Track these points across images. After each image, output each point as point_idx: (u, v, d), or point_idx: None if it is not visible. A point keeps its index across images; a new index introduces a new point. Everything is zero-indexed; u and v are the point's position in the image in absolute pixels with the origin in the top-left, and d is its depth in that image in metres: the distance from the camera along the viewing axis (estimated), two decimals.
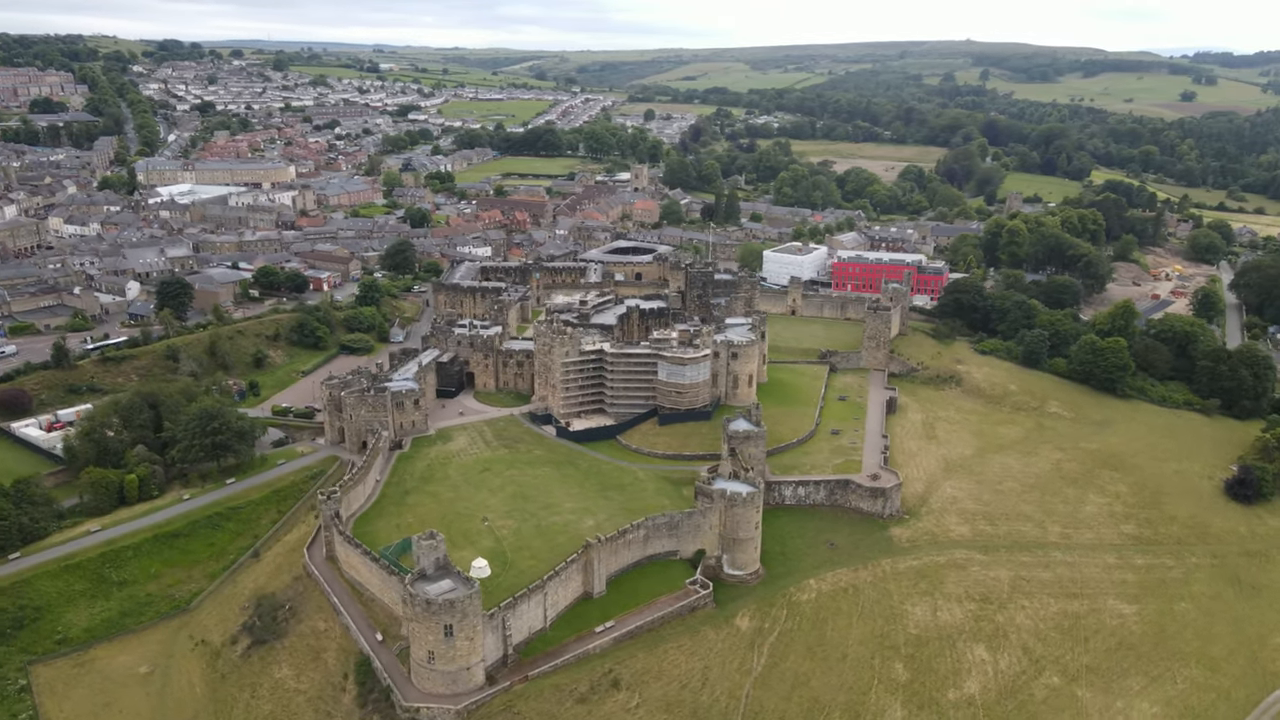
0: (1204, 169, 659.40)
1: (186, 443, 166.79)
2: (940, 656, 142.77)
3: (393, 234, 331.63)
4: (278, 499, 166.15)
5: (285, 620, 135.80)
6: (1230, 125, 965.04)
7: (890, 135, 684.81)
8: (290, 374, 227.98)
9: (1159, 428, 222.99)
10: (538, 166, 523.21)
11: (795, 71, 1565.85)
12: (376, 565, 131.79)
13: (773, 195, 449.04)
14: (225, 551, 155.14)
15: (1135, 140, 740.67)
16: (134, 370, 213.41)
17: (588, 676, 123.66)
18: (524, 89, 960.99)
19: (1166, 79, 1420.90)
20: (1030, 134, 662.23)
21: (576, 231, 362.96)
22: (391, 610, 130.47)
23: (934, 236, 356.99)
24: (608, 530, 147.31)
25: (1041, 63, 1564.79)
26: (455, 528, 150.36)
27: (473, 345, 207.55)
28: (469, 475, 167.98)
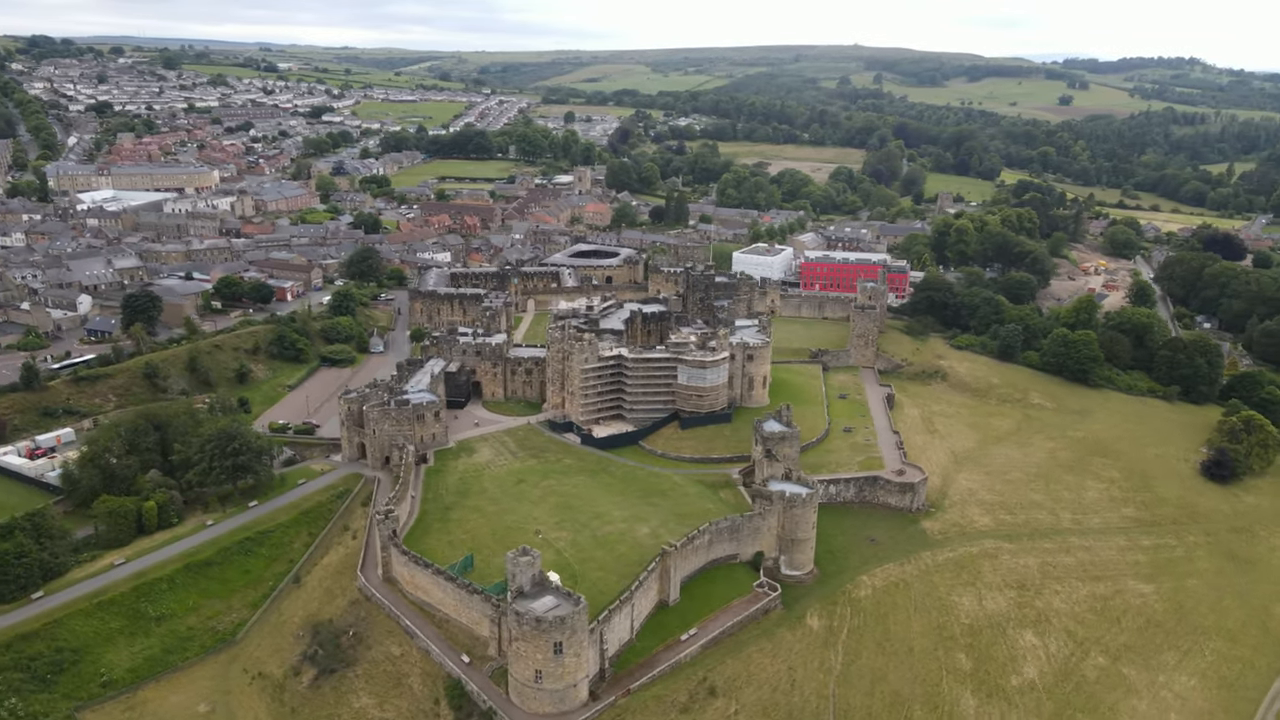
0: (1097, 169, 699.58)
1: (205, 465, 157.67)
2: (995, 644, 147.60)
3: (348, 241, 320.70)
4: (307, 521, 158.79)
5: (351, 647, 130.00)
6: (1111, 127, 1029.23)
7: (808, 137, 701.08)
8: (276, 389, 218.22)
9: (1131, 415, 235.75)
10: (471, 170, 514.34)
11: (695, 74, 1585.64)
12: (453, 585, 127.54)
13: (715, 197, 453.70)
14: (262, 578, 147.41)
15: (1031, 141, 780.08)
16: (110, 390, 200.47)
17: (684, 686, 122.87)
18: (435, 90, 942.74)
19: (1043, 84, 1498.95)
20: (941, 136, 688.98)
21: (533, 235, 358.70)
22: (472, 630, 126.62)
23: (884, 236, 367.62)
24: (664, 537, 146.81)
25: (929, 67, 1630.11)
26: (509, 542, 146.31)
27: (479, 354, 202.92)
28: (506, 487, 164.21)
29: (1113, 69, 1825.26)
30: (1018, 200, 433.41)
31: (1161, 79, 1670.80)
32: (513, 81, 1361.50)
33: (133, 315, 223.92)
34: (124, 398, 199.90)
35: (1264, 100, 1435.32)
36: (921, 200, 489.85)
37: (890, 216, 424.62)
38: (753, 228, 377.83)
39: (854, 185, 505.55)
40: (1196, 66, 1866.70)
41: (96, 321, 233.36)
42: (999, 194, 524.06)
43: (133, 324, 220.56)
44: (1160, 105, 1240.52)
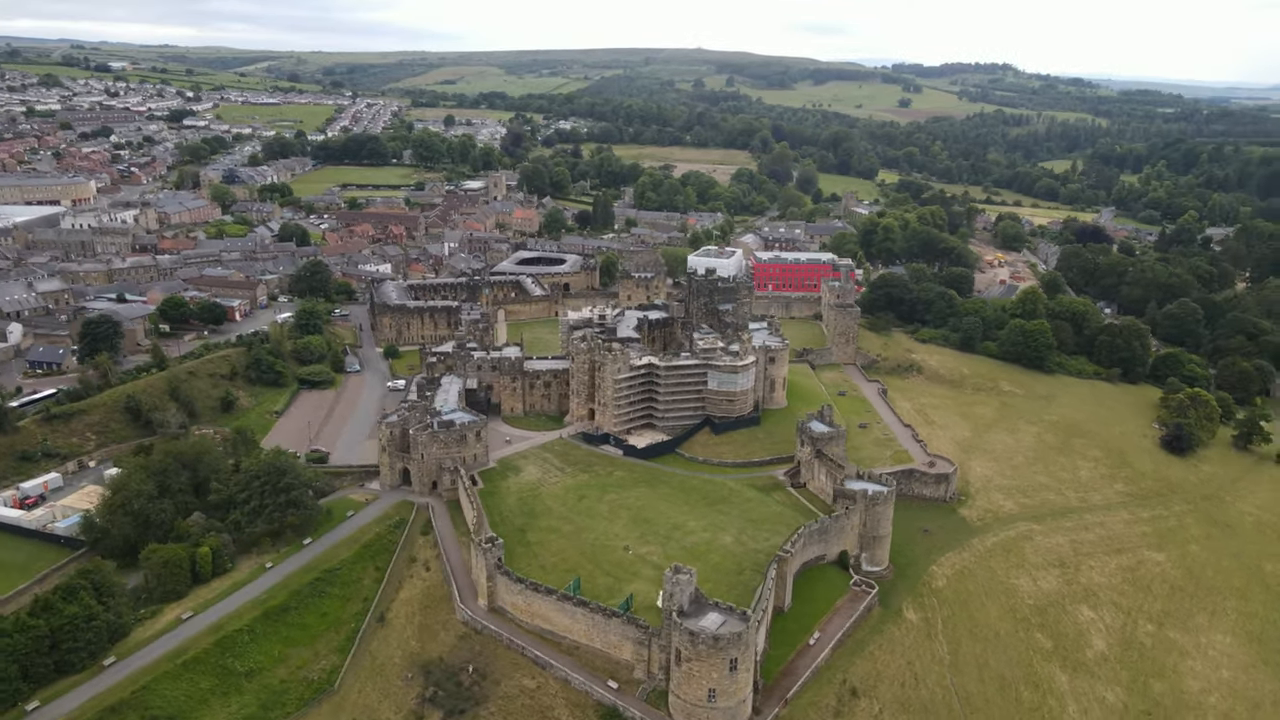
0: (957, 167, 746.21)
1: (256, 503, 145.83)
2: (1061, 621, 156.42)
3: (284, 255, 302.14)
4: (370, 555, 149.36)
5: (475, 684, 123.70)
6: (954, 128, 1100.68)
7: (691, 139, 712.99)
8: (264, 416, 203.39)
9: (1087, 396, 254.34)
10: (368, 176, 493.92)
11: (551, 76, 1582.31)
12: (585, 610, 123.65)
13: (633, 200, 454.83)
14: (341, 620, 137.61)
15: (893, 142, 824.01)
16: (87, 429, 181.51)
17: (829, 690, 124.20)
18: (294, 93, 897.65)
19: (881, 87, 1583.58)
20: (819, 137, 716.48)
21: (468, 243, 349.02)
22: (608, 655, 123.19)
23: (815, 236, 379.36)
24: (748, 544, 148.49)
25: (776, 71, 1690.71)
26: (602, 560, 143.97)
27: (496, 368, 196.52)
28: (570, 505, 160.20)
29: (937, 73, 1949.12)
30: (920, 200, 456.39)
31: (981, 83, 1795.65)
32: (363, 84, 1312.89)
33: (94, 344, 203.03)
34: (105, 435, 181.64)
35: (1072, 102, 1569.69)
36: (820, 199, 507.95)
37: (805, 215, 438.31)
38: (686, 230, 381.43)
39: (757, 186, 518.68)
40: (1009, 71, 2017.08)
41: (39, 352, 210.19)
42: (899, 194, 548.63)
43: (95, 353, 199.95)
44: (991, 108, 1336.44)
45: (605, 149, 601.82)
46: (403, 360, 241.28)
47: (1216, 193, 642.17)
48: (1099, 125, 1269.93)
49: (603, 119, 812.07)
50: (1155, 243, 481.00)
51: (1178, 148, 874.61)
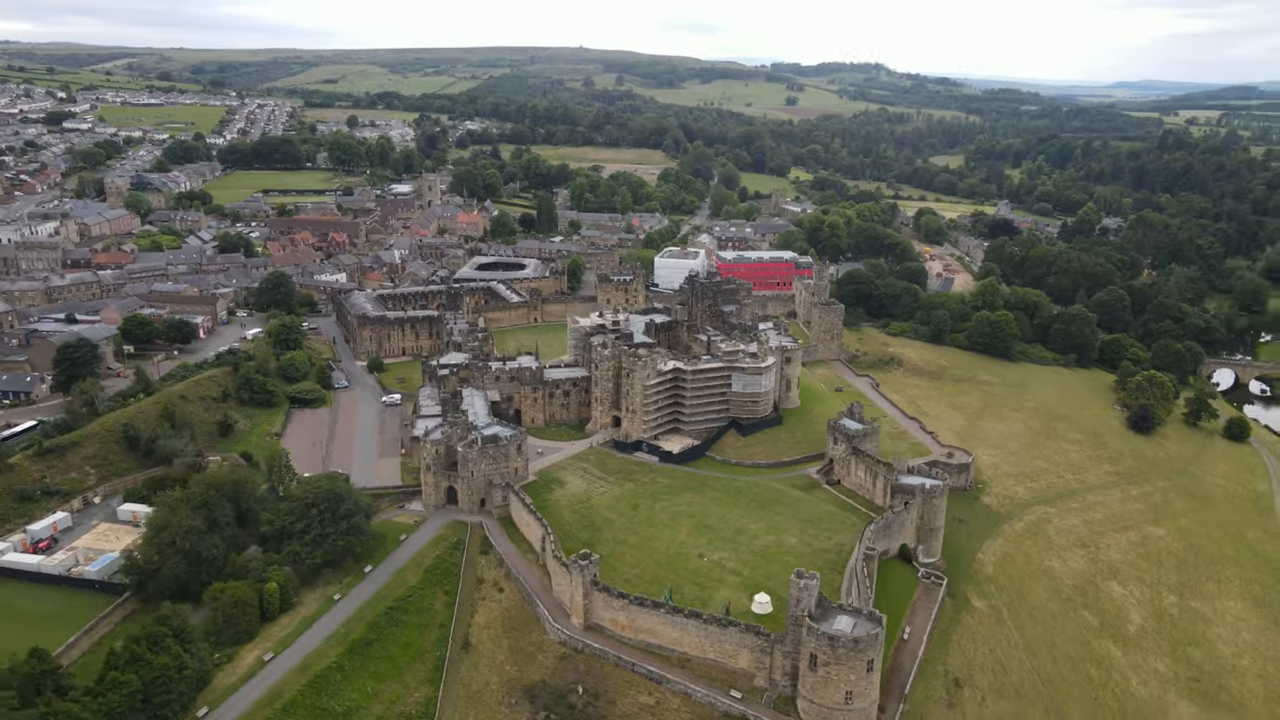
0: (859, 164, 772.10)
1: (317, 532, 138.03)
2: (1099, 599, 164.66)
3: (235, 267, 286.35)
4: (436, 579, 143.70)
5: (590, 704, 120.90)
6: (844, 126, 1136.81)
7: (603, 139, 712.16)
8: (264, 438, 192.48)
9: (1053, 382, 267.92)
10: (289, 181, 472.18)
11: (436, 75, 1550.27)
12: (697, 621, 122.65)
13: (569, 202, 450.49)
14: (423, 649, 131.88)
15: (794, 139, 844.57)
16: (85, 461, 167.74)
17: (936, 682, 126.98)
18: (177, 94, 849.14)
19: (766, 86, 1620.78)
20: (729, 136, 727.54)
21: (419, 250, 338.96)
22: (723, 665, 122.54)
23: (765, 235, 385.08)
24: (814, 544, 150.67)
25: (663, 70, 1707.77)
26: (680, 569, 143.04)
27: (515, 379, 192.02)
28: (626, 514, 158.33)
29: (815, 72, 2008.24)
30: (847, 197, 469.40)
31: (858, 81, 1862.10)
32: (237, 83, 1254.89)
33: (72, 370, 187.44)
34: (105, 468, 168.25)
35: (945, 100, 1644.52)
36: (747, 197, 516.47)
37: (743, 214, 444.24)
38: (633, 232, 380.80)
39: (684, 185, 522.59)
40: (882, 71, 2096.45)
41: (3, 381, 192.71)
42: (825, 193, 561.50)
43: (72, 380, 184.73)
44: (872, 106, 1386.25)
45: (525, 150, 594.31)
46: (389, 373, 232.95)
47: (1099, 185, 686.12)
48: (973, 122, 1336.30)
49: (508, 119, 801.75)
50: (1059, 234, 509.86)
51: (1052, 143, 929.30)
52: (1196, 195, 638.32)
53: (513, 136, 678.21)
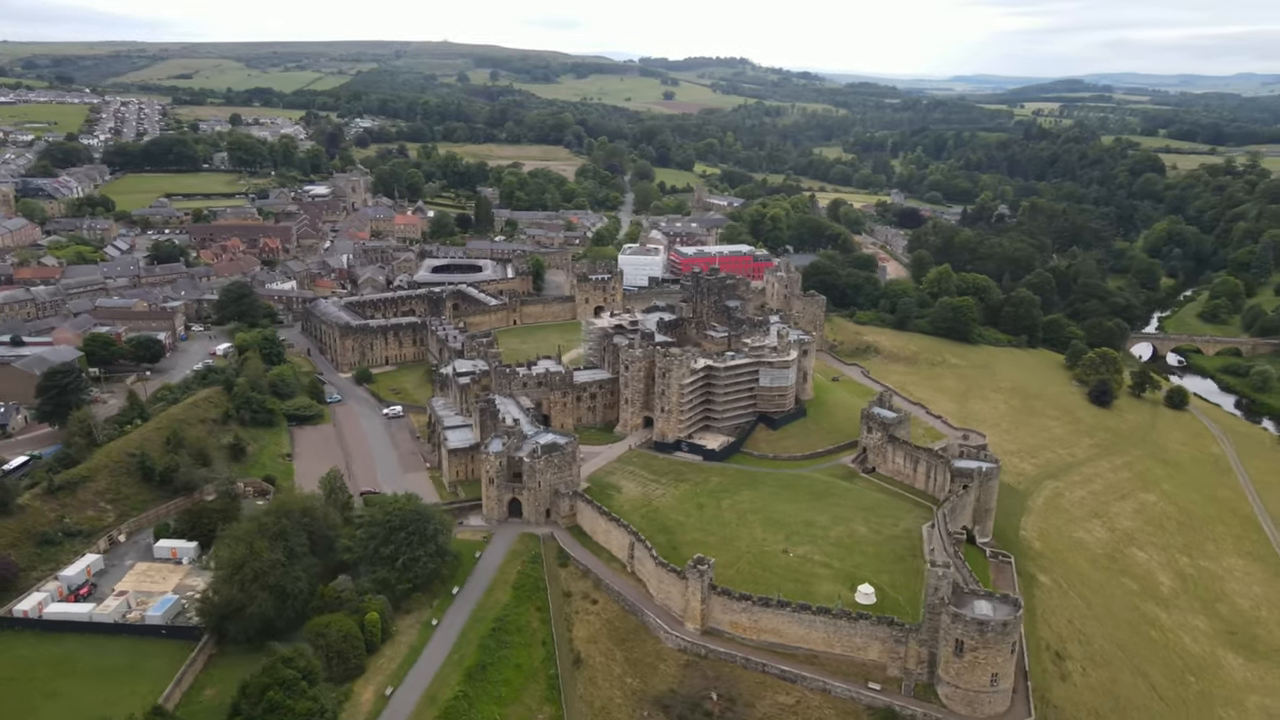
0: (756, 157, 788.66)
1: (407, 556, 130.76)
2: (1129, 565, 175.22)
3: (183, 279, 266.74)
4: (525, 595, 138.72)
5: (727, 709, 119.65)
6: (726, 120, 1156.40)
7: (505, 136, 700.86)
8: (275, 460, 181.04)
9: (1013, 363, 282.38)
10: (191, 184, 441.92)
11: (298, 70, 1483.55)
12: (825, 617, 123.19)
13: (500, 200, 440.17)
14: (534, 669, 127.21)
15: (687, 134, 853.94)
16: (98, 497, 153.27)
17: (1043, 656, 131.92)
18: (25, 90, 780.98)
19: (641, 81, 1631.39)
20: (628, 131, 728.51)
21: (363, 254, 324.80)
22: (851, 658, 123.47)
23: (710, 229, 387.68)
24: (883, 532, 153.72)
25: (535, 64, 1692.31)
26: (770, 566, 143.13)
27: (542, 384, 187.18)
28: (694, 516, 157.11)
29: (683, 67, 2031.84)
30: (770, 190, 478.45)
31: (727, 76, 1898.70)
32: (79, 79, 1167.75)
33: (61, 398, 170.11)
34: (121, 503, 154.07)
35: (812, 94, 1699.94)
36: (668, 191, 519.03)
37: (672, 209, 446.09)
38: (574, 229, 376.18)
39: (604, 182, 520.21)
40: (748, 66, 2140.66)
41: None
42: (748, 186, 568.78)
43: (60, 409, 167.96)
44: (749, 100, 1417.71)
45: (432, 148, 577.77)
46: (378, 384, 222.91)
47: (983, 174, 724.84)
48: (842, 115, 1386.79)
49: (397, 116, 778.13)
50: (959, 221, 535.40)
51: (925, 135, 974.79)
52: (1070, 182, 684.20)
53: (411, 134, 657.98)
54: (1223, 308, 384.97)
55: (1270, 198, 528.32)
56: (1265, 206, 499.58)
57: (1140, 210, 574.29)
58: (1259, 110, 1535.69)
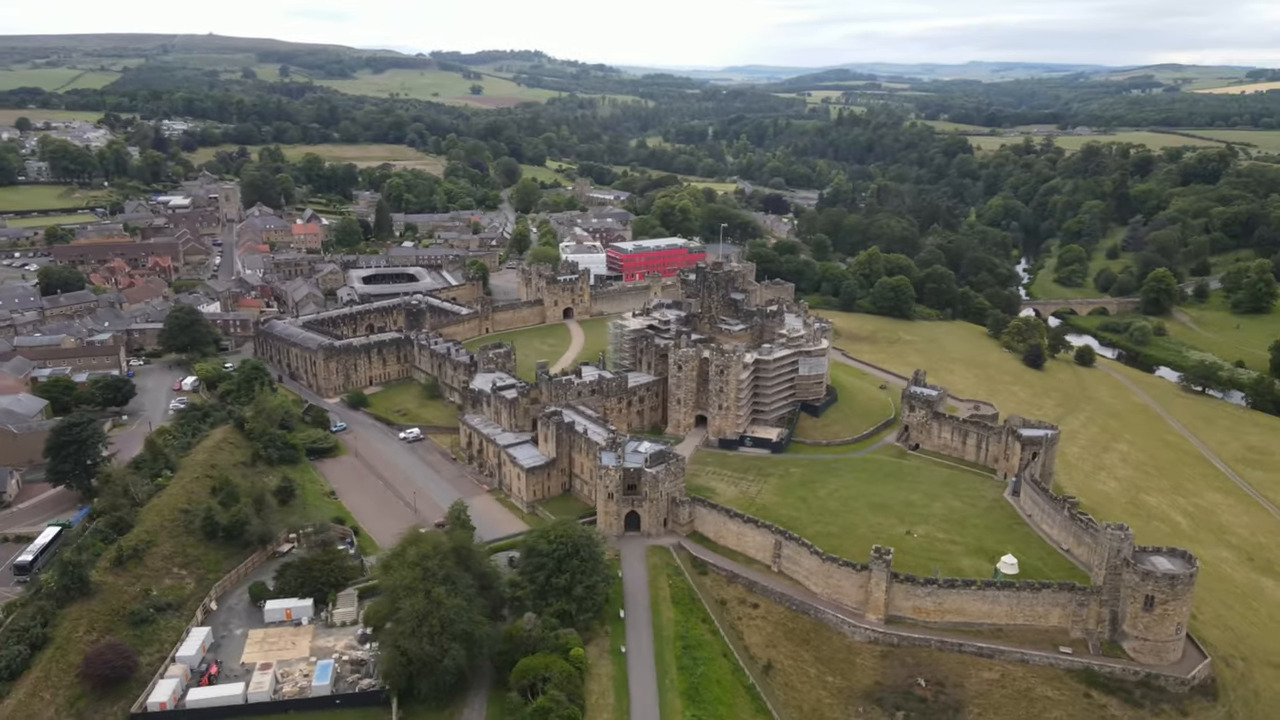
0: (595, 149, 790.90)
1: (585, 584, 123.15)
2: (1149, 510, 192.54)
3: (104, 310, 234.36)
4: (685, 608, 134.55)
5: (940, 694, 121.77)
6: (546, 112, 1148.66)
7: (339, 136, 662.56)
8: (320, 499, 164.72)
9: (950, 335, 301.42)
10: (12, 200, 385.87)
11: (49, 67, 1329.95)
12: (1012, 591, 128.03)
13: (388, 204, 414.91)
14: (729, 682, 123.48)
15: (520, 127, 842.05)
16: (167, 562, 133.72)
17: None
18: None
19: (444, 75, 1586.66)
20: (473, 128, 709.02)
21: (274, 267, 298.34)
22: (1034, 625, 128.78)
23: (625, 223, 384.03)
24: (970, 505, 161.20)
25: (327, 59, 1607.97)
26: (904, 547, 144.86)
27: (597, 391, 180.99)
28: (800, 508, 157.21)
29: (477, 60, 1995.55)
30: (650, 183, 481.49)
31: (526, 69, 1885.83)
32: None
33: (78, 455, 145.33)
34: (194, 566, 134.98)
35: (615, 86, 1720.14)
36: (548, 187, 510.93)
37: (563, 205, 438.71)
38: (480, 231, 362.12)
39: (477, 180, 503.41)
40: (544, 59, 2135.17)
41: None
42: (558, 178, 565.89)
43: (81, 468, 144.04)
44: (560, 94, 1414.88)
45: (273, 149, 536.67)
46: (375, 406, 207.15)
47: (819, 160, 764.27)
48: (650, 106, 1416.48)
49: (207, 116, 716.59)
50: (817, 205, 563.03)
51: (743, 124, 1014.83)
52: (895, 165, 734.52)
53: (239, 136, 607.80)
54: (1076, 273, 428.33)
55: (1079, 173, 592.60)
56: (1080, 181, 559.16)
57: (969, 189, 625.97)
58: (1003, 95, 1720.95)
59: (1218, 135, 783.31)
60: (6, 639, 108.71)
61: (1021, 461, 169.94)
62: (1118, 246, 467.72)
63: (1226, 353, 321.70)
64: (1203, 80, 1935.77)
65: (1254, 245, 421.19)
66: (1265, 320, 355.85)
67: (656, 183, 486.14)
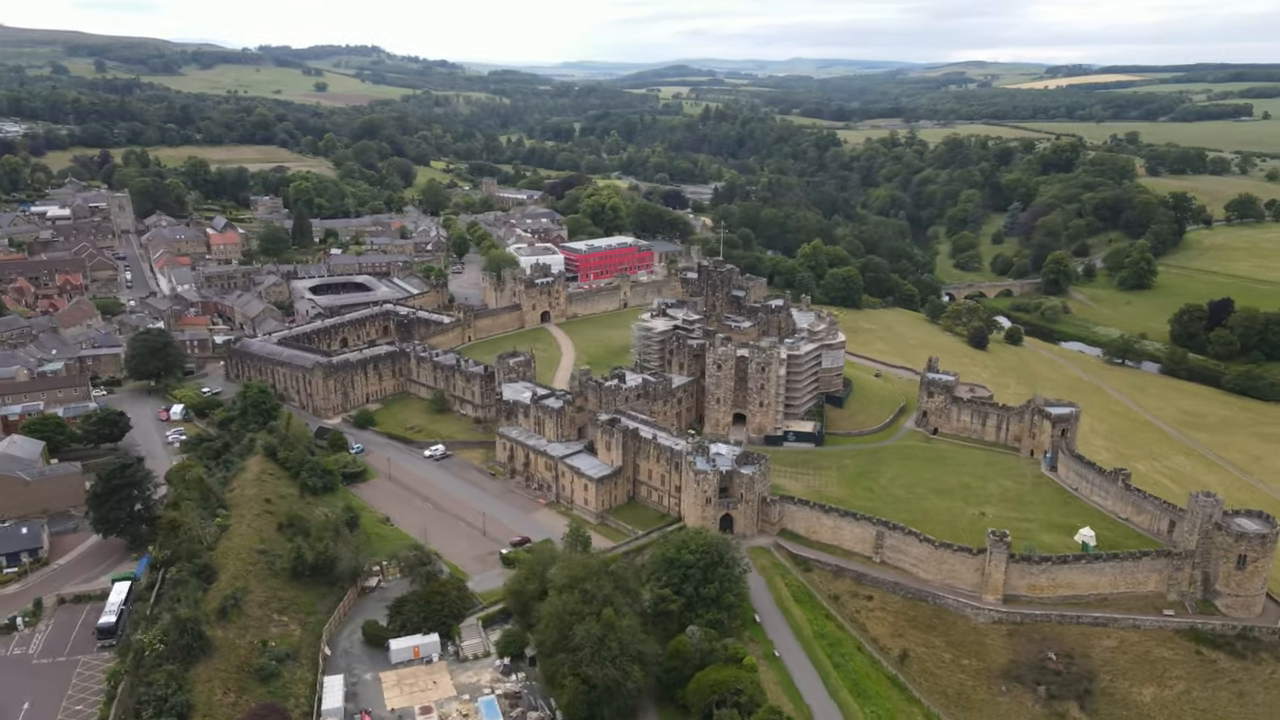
0: (474, 147, 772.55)
1: (734, 591, 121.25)
2: (1145, 475, 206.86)
3: (48, 338, 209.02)
4: (810, 607, 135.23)
5: (1071, 665, 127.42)
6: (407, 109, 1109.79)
7: (202, 138, 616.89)
8: (377, 526, 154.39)
9: (897, 321, 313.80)
10: None
11: None
12: (1116, 561, 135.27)
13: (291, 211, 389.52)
14: (877, 673, 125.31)
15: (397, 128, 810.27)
16: (264, 608, 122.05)
17: None
18: None
19: (283, 71, 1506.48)
20: (347, 127, 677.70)
21: (206, 282, 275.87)
22: (1134, 591, 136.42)
23: (556, 221, 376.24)
24: (1021, 483, 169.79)
25: (151, 54, 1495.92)
26: (980, 528, 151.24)
27: (644, 395, 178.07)
28: (868, 499, 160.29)
29: (311, 55, 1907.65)
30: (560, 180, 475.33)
31: (366, 65, 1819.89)
32: None
33: (132, 501, 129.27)
34: (292, 610, 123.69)
35: (464, 83, 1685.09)
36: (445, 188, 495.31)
37: (479, 206, 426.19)
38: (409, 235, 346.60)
39: (377, 182, 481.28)
40: (383, 54, 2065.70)
41: None
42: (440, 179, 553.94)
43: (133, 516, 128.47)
44: (410, 91, 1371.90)
45: (138, 152, 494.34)
46: (382, 424, 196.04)
47: (697, 155, 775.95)
48: (505, 104, 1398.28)
49: (37, 117, 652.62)
50: (711, 199, 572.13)
51: (611, 120, 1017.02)
52: (773, 159, 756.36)
53: (89, 139, 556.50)
54: (972, 258, 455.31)
55: (947, 164, 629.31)
56: (954, 171, 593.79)
57: (849, 180, 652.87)
58: (836, 90, 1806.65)
59: (1045, 127, 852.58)
60: (148, 712, 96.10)
61: (1053, 438, 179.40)
62: (1001, 232, 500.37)
63: (1126, 326, 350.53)
64: (1008, 76, 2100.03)
65: (1122, 227, 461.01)
66: (1149, 295, 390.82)
67: (566, 182, 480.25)
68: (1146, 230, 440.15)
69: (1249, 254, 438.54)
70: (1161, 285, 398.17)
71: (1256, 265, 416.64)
